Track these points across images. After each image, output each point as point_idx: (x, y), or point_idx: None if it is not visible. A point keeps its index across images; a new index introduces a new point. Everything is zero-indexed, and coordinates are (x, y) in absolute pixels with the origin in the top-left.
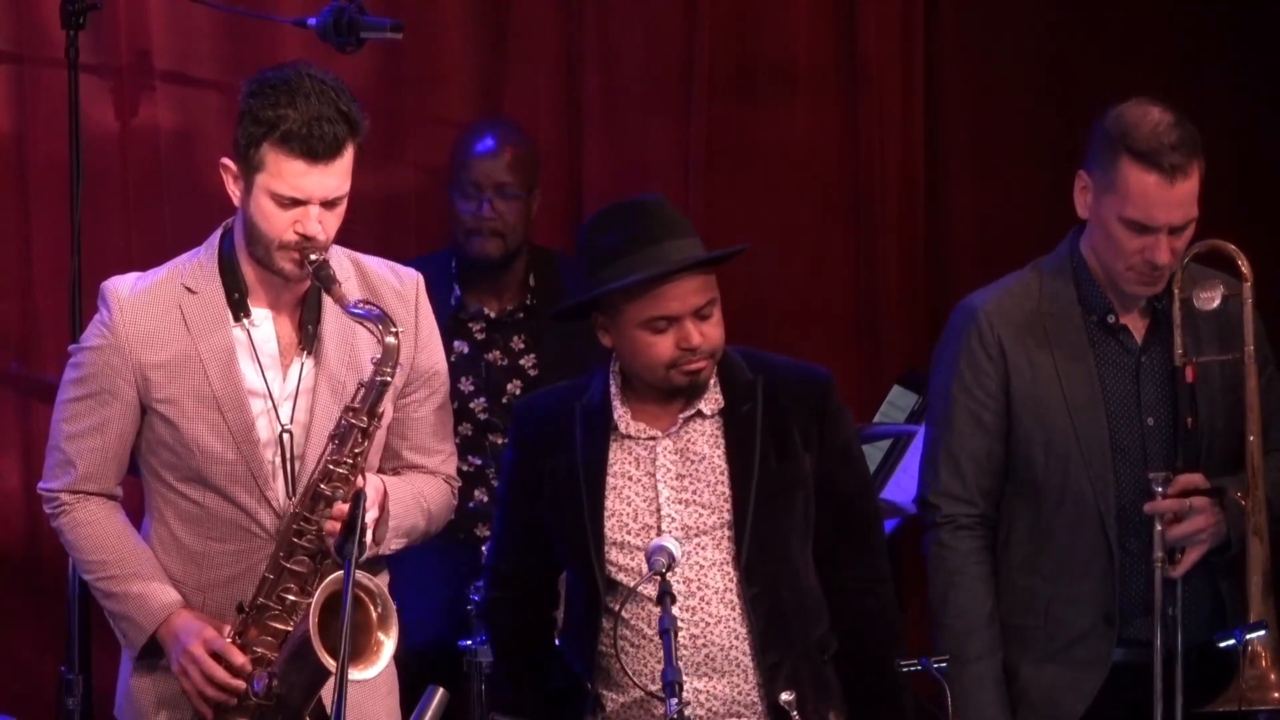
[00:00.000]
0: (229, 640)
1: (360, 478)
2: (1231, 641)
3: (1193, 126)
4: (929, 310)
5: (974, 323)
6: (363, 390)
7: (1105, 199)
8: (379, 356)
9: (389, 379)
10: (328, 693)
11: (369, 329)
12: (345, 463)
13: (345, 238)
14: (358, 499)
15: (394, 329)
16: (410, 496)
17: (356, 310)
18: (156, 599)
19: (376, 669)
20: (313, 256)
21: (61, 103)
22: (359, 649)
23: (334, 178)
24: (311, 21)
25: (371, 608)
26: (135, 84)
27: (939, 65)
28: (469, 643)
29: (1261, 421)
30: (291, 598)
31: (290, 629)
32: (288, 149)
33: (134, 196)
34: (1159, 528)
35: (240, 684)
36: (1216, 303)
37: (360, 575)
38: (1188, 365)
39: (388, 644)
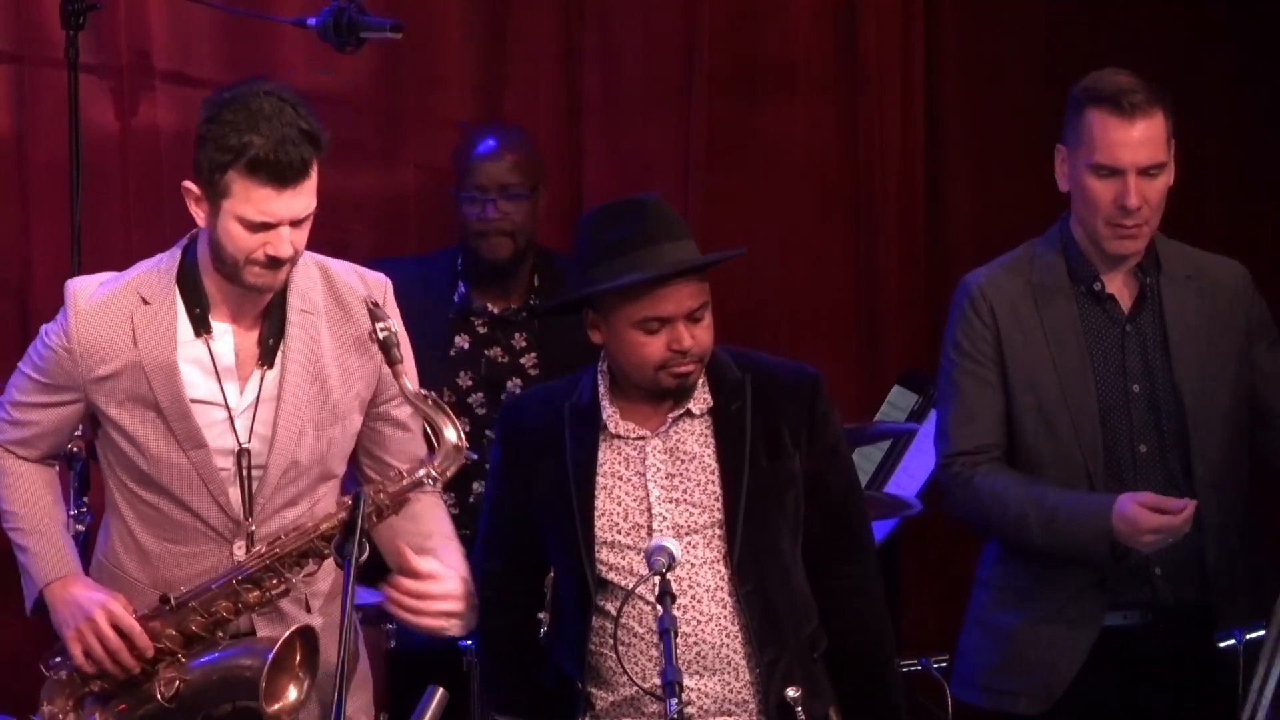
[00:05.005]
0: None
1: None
2: (1231, 642)
3: (1162, 88)
4: (929, 310)
5: (968, 295)
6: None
7: (1076, 156)
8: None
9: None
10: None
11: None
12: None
13: (345, 238)
14: (358, 499)
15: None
16: (459, 557)
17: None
18: (54, 558)
19: (279, 707)
20: (380, 328)
21: (61, 103)
22: (275, 688)
23: (303, 198)
24: (311, 21)
25: (299, 654)
26: (135, 84)
27: (939, 65)
28: (469, 642)
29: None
30: (222, 613)
31: (204, 634)
32: (256, 177)
33: (134, 196)
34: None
35: (136, 666)
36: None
37: (309, 622)
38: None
39: (293, 694)
